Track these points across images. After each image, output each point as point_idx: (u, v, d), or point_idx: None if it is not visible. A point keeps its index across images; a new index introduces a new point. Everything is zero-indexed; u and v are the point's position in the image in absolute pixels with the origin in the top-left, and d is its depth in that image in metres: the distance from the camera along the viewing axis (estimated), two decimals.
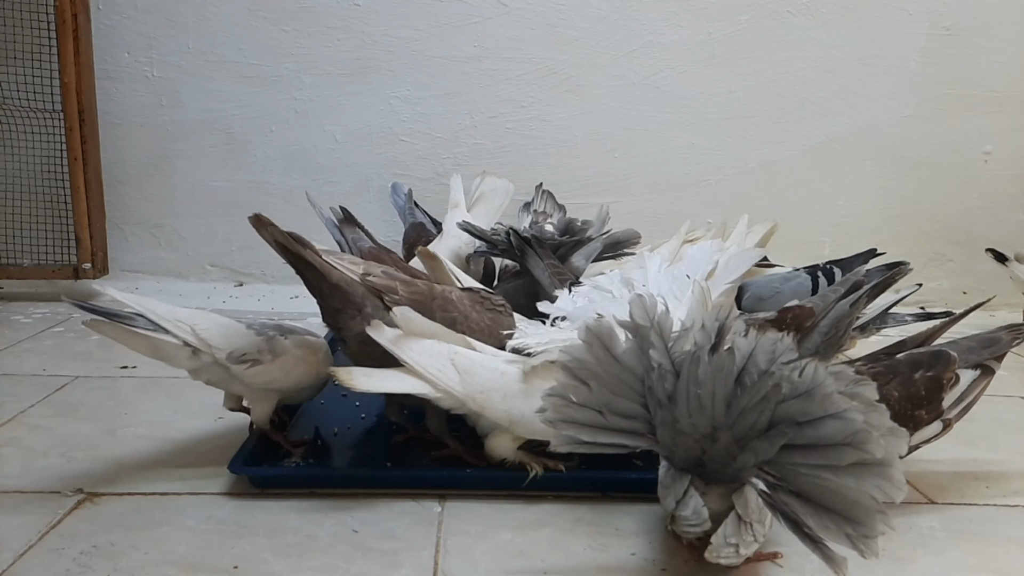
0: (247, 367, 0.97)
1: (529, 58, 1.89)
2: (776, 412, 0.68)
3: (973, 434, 1.19)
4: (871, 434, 0.64)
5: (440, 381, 0.93)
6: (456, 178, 1.65)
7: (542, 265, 1.28)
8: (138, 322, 0.94)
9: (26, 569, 0.80)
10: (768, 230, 1.40)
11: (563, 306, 1.11)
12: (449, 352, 0.95)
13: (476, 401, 0.94)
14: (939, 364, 0.92)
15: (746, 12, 1.88)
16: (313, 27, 1.87)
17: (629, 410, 0.76)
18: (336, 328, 1.02)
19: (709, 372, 0.71)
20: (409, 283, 1.02)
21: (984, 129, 1.93)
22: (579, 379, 0.76)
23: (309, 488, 0.97)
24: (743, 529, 0.75)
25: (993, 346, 0.97)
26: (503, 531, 0.89)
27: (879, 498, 0.64)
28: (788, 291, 1.17)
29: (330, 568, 0.81)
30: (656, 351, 0.73)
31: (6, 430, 1.13)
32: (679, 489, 0.75)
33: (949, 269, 1.98)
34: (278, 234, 0.95)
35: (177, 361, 0.97)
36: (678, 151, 1.94)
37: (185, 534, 0.87)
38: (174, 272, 1.97)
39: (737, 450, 0.71)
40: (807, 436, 0.67)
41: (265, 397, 1.01)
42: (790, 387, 0.67)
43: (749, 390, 0.69)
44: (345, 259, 1.01)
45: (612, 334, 0.76)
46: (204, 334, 0.95)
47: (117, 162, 1.90)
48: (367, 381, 0.92)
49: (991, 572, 0.85)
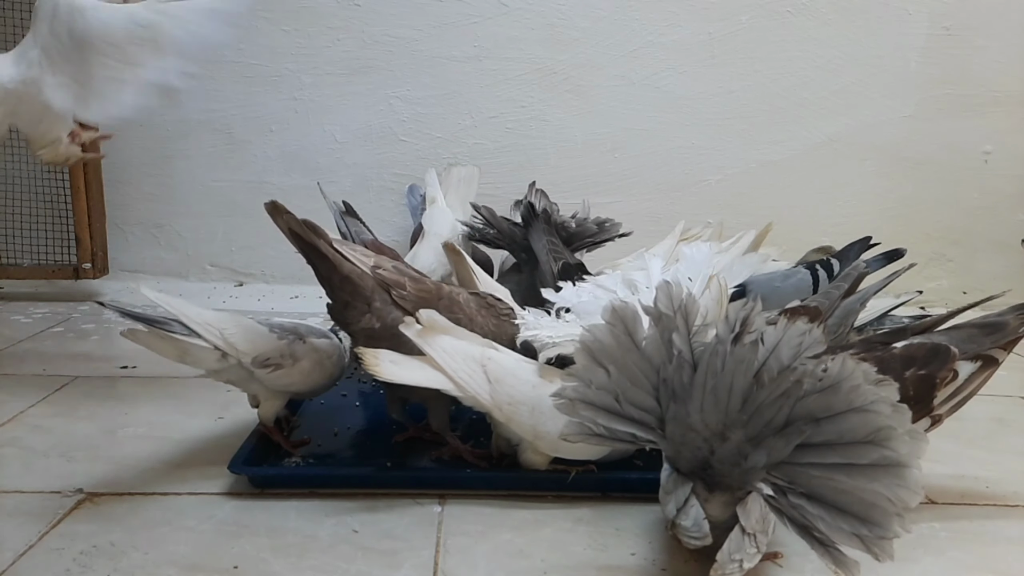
0: (270, 371, 0.99)
1: (529, 58, 1.89)
2: (795, 409, 0.66)
3: (973, 434, 1.19)
4: (896, 430, 0.62)
5: (468, 386, 0.93)
6: (431, 173, 1.65)
7: (544, 241, 1.28)
8: (172, 327, 0.96)
9: (26, 569, 0.80)
10: (762, 230, 1.40)
11: (567, 297, 1.11)
12: (482, 357, 0.94)
13: (503, 412, 0.93)
14: (935, 361, 0.87)
15: (746, 12, 1.88)
16: (313, 27, 1.87)
17: (642, 401, 0.74)
18: (344, 323, 1.01)
19: (730, 363, 0.68)
20: (418, 280, 1.02)
21: (984, 129, 1.93)
22: (598, 362, 0.73)
23: (309, 488, 0.97)
24: (747, 542, 0.73)
25: (997, 333, 0.91)
26: (503, 531, 0.89)
27: (895, 500, 0.62)
28: (789, 288, 1.16)
29: (330, 568, 0.81)
30: (679, 336, 0.71)
31: (6, 430, 1.13)
32: (680, 496, 0.74)
33: (949, 269, 1.98)
34: (293, 222, 0.94)
35: (204, 364, 0.98)
36: (678, 151, 1.94)
37: (185, 534, 0.87)
38: (174, 272, 1.97)
39: (749, 449, 0.69)
40: (826, 432, 0.65)
41: (277, 396, 1.03)
42: (812, 382, 0.65)
43: (768, 386, 0.67)
44: (357, 250, 1.01)
45: (636, 319, 0.73)
46: (232, 339, 0.96)
47: (117, 162, 1.90)
48: (393, 369, 0.91)
49: (991, 572, 0.85)
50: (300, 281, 1.92)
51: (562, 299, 1.10)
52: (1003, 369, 0.96)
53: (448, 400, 1.03)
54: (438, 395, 1.02)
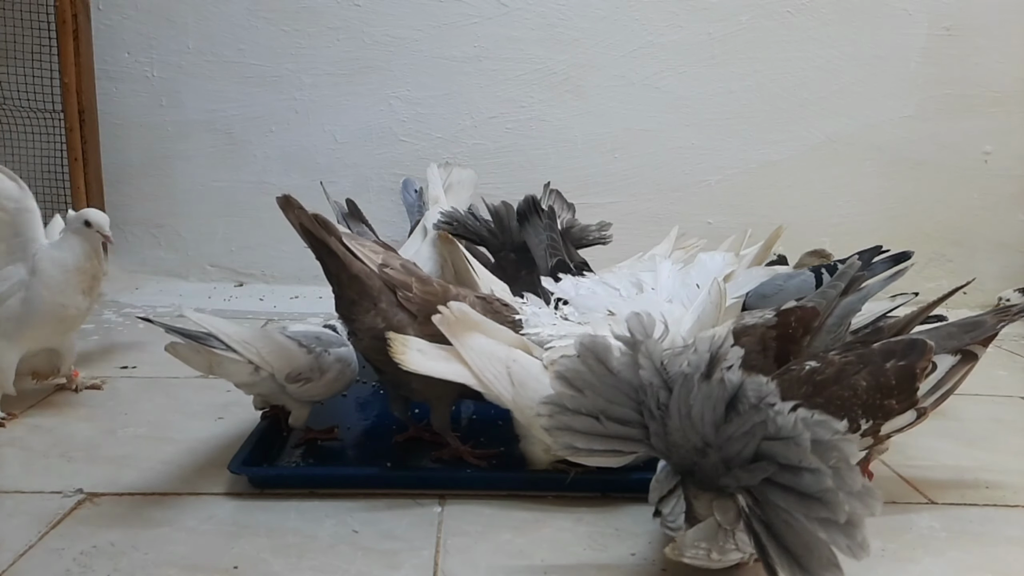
0: (300, 385, 1.03)
1: (529, 58, 1.89)
2: (761, 447, 0.70)
3: (973, 434, 1.19)
4: (838, 495, 0.65)
5: (493, 385, 0.93)
6: (433, 168, 1.64)
7: (542, 236, 1.28)
8: (212, 342, 0.99)
9: (26, 569, 0.80)
10: (772, 234, 1.39)
11: (566, 288, 1.11)
12: (507, 358, 0.95)
13: (525, 415, 0.94)
14: (913, 353, 0.90)
15: (746, 12, 1.88)
16: (313, 27, 1.87)
17: (626, 416, 0.76)
18: (349, 320, 1.01)
19: (699, 397, 0.72)
20: (425, 282, 1.02)
21: (984, 129, 1.93)
22: (575, 387, 0.76)
23: (309, 488, 0.97)
24: (721, 535, 0.75)
25: (976, 330, 0.95)
26: (503, 531, 0.89)
27: (841, 553, 0.65)
28: (791, 288, 1.16)
29: (330, 568, 0.81)
30: (645, 371, 0.74)
31: (6, 430, 1.13)
32: (665, 487, 0.76)
33: (949, 269, 1.98)
34: (304, 218, 0.94)
35: (236, 377, 1.02)
36: (678, 151, 1.94)
37: (185, 534, 0.87)
38: (174, 272, 1.97)
39: (724, 469, 0.72)
40: (786, 479, 0.68)
41: (305, 405, 1.07)
42: (775, 427, 0.68)
43: (737, 420, 0.70)
44: (366, 246, 1.01)
45: (607, 349, 0.77)
46: (268, 356, 1.01)
47: (117, 162, 1.90)
48: (419, 359, 0.92)
49: (991, 572, 0.84)
50: (300, 281, 1.92)
51: (560, 290, 1.10)
52: (1003, 369, 0.97)
53: (451, 400, 1.03)
54: (440, 395, 1.02)
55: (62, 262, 1.16)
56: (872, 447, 0.95)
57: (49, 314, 1.17)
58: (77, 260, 1.17)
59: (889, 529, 0.89)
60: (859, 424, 0.89)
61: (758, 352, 1.05)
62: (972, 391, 1.01)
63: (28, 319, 1.16)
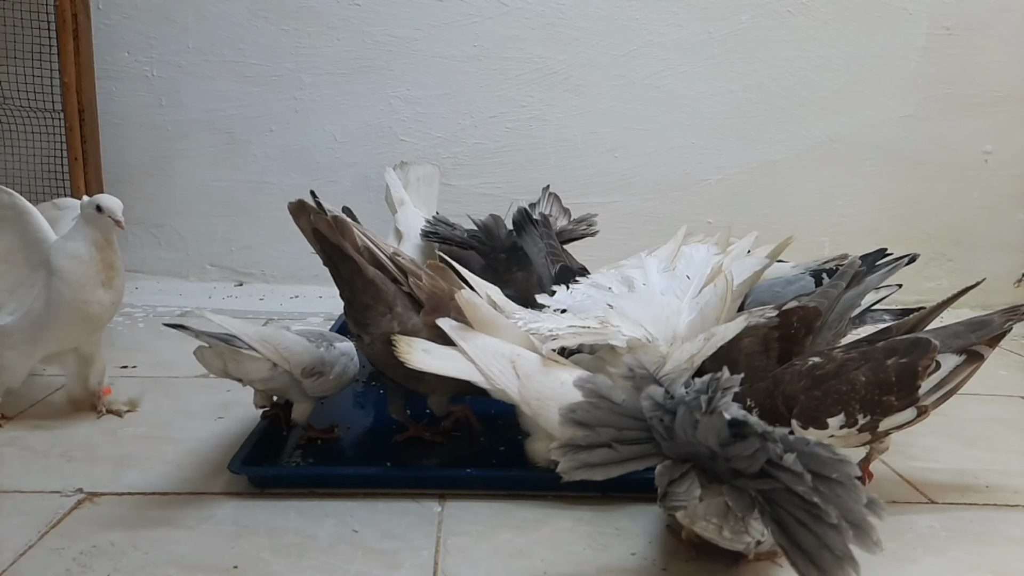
0: (314, 380, 1.05)
1: (529, 58, 1.89)
2: (765, 468, 0.70)
3: (973, 434, 1.19)
4: (842, 535, 0.65)
5: (498, 380, 0.94)
6: (390, 172, 1.60)
7: (540, 244, 1.28)
8: (236, 343, 1.00)
9: (26, 569, 0.80)
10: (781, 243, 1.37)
11: (562, 299, 1.11)
12: (511, 353, 0.96)
13: (531, 407, 0.94)
14: (916, 351, 0.90)
15: (746, 12, 1.88)
16: (313, 27, 1.87)
17: (637, 437, 0.77)
18: (362, 325, 1.01)
19: (701, 429, 0.72)
20: (433, 278, 1.03)
21: (984, 129, 1.93)
22: (586, 426, 0.77)
23: (309, 488, 0.97)
24: (731, 518, 0.75)
25: (982, 329, 0.94)
26: (503, 531, 0.89)
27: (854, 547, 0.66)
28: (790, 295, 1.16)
29: (330, 568, 0.81)
30: (648, 403, 0.75)
31: (6, 430, 1.13)
32: (676, 472, 0.76)
33: (949, 269, 1.98)
34: (320, 222, 0.93)
35: (254, 374, 1.03)
36: (678, 151, 1.94)
37: (185, 534, 0.87)
38: (174, 272, 1.97)
39: (733, 475, 0.73)
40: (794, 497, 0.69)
41: (310, 399, 1.08)
42: (777, 455, 0.69)
43: (741, 444, 0.70)
44: (378, 239, 1.02)
45: (609, 387, 0.78)
46: (286, 353, 1.02)
47: (117, 162, 1.90)
48: (425, 358, 0.94)
49: (991, 572, 0.85)
50: (300, 281, 1.92)
51: (556, 302, 1.10)
52: (1003, 369, 0.97)
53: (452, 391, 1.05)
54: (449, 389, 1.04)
55: (76, 253, 1.11)
56: (872, 444, 0.95)
57: (72, 312, 1.12)
58: (91, 250, 1.12)
59: (889, 529, 0.88)
60: (856, 419, 0.90)
61: (760, 352, 1.06)
62: (972, 391, 1.01)
63: (49, 319, 1.12)
